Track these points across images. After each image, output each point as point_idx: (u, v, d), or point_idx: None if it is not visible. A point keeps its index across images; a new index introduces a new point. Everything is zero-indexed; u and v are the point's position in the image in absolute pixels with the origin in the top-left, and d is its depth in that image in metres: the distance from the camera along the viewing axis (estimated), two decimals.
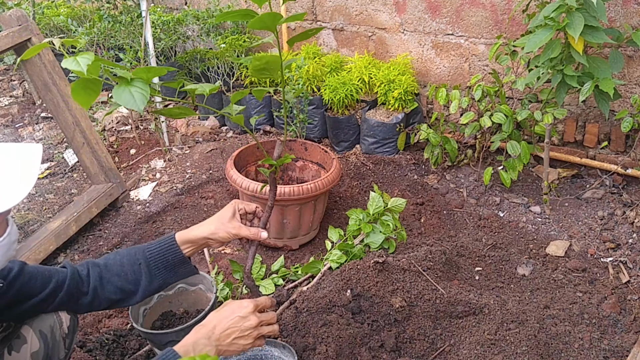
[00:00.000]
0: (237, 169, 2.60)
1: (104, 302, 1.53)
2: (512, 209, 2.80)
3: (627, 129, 2.44)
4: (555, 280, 2.26)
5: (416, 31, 3.25)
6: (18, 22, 2.52)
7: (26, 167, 1.14)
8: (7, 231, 1.19)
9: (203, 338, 1.35)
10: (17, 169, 1.13)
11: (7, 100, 4.42)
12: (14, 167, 1.13)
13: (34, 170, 1.14)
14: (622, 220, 2.62)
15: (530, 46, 2.29)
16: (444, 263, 2.19)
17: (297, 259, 2.57)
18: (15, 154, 1.16)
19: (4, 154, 1.15)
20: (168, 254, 1.54)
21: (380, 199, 2.36)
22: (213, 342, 1.36)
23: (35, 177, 1.14)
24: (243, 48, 3.64)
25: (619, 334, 1.95)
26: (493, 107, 2.79)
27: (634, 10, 2.58)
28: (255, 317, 1.41)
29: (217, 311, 1.42)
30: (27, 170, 1.14)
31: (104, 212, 2.88)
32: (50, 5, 4.37)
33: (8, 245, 1.20)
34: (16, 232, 1.23)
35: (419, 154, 3.23)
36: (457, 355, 1.81)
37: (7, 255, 1.21)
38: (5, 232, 1.18)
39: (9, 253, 1.21)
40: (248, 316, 1.40)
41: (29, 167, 1.14)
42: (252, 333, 1.40)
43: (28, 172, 1.14)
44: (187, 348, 1.32)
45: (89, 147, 2.83)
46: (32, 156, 1.16)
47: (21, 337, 1.41)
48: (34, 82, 2.72)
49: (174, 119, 1.34)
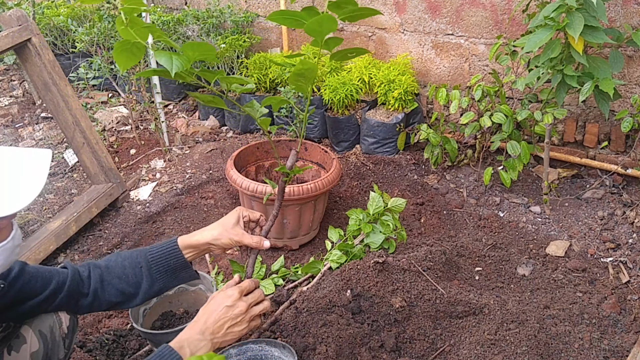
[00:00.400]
0: (237, 169, 2.60)
1: (104, 304, 1.53)
2: (512, 209, 2.80)
3: (627, 129, 2.44)
4: (555, 280, 2.26)
5: (416, 31, 3.25)
6: (18, 22, 2.52)
7: (34, 172, 1.14)
8: (12, 235, 1.18)
9: (196, 334, 1.37)
10: (25, 174, 1.12)
11: (7, 100, 4.42)
12: (22, 171, 1.13)
13: (42, 176, 1.13)
14: (622, 220, 2.62)
15: (530, 46, 2.29)
16: (444, 263, 2.19)
17: (297, 259, 2.57)
18: (23, 159, 1.15)
19: (13, 158, 1.14)
20: (170, 257, 1.54)
21: (380, 199, 2.36)
22: (207, 337, 1.37)
23: (43, 183, 1.13)
24: (243, 48, 3.64)
25: (619, 334, 1.95)
26: (493, 107, 2.79)
27: (634, 10, 2.58)
28: (243, 302, 1.42)
29: (205, 306, 1.43)
30: (35, 176, 1.13)
31: (104, 212, 2.88)
32: (50, 5, 4.36)
33: (11, 249, 1.19)
34: (20, 236, 1.22)
35: (419, 154, 3.23)
36: (457, 355, 1.81)
37: (9, 259, 1.21)
38: (9, 236, 1.18)
39: (11, 257, 1.21)
40: (235, 303, 1.41)
41: (37, 172, 1.14)
42: (244, 318, 1.42)
43: (36, 177, 1.13)
44: (181, 344, 1.33)
45: (89, 147, 2.83)
46: (41, 161, 1.15)
47: (21, 337, 1.41)
48: (34, 82, 2.72)
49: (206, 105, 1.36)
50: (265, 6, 3.82)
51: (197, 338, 1.36)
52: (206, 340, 1.37)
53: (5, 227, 1.16)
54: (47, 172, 1.14)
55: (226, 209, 2.93)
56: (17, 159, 1.14)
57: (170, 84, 4.08)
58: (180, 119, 3.91)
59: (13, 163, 1.13)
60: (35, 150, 1.17)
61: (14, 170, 1.12)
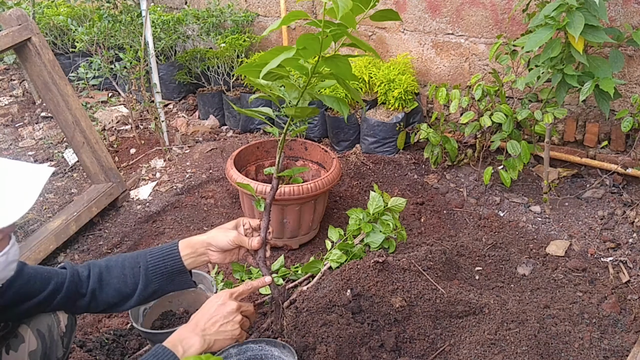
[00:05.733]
0: (237, 168, 2.60)
1: (101, 305, 1.53)
2: (512, 209, 2.79)
3: (627, 129, 2.43)
4: (555, 280, 2.26)
5: (416, 31, 3.25)
6: (18, 21, 2.52)
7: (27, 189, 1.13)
8: (5, 250, 1.17)
9: (188, 332, 1.39)
10: (17, 189, 1.12)
11: (7, 100, 4.41)
12: (19, 184, 1.12)
13: (34, 193, 1.12)
14: (622, 220, 2.62)
15: (530, 45, 2.28)
16: (444, 263, 2.19)
17: (297, 259, 2.57)
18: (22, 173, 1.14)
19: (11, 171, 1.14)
20: (168, 259, 1.54)
21: (380, 199, 2.35)
22: (199, 333, 1.39)
23: (33, 201, 1.11)
24: (243, 47, 3.63)
25: (619, 333, 1.95)
26: (493, 107, 2.79)
27: (634, 9, 2.58)
28: (234, 302, 1.46)
29: (197, 311, 1.46)
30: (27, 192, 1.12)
31: (104, 212, 2.88)
32: (50, 4, 4.36)
33: (4, 265, 1.18)
34: (16, 252, 1.20)
35: (419, 154, 3.23)
36: (457, 355, 1.81)
37: (2, 274, 1.19)
38: (2, 250, 1.16)
39: (4, 273, 1.19)
40: (226, 302, 1.45)
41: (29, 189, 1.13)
42: (235, 318, 1.44)
43: (27, 193, 1.12)
44: (174, 342, 1.35)
45: (89, 146, 2.83)
46: (39, 176, 1.15)
47: (19, 336, 1.41)
48: (34, 82, 2.72)
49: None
50: (265, 6, 3.82)
51: (188, 336, 1.38)
52: (198, 336, 1.38)
53: (2, 239, 1.15)
54: (39, 190, 1.13)
55: (226, 209, 2.93)
56: (14, 173, 1.14)
57: (170, 84, 4.08)
58: (180, 118, 3.91)
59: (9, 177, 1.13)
60: (34, 166, 1.17)
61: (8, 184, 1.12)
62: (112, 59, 3.51)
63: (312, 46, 1.26)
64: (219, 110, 3.83)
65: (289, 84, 1.45)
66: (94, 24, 3.37)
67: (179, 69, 4.03)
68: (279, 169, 1.60)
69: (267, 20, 3.85)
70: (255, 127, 3.68)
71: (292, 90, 1.45)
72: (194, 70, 3.90)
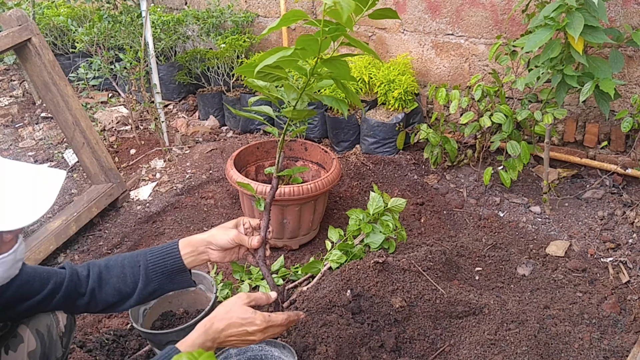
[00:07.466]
0: (237, 169, 2.60)
1: (100, 304, 1.52)
2: (512, 209, 2.80)
3: (627, 129, 2.44)
4: (555, 280, 2.26)
5: (416, 31, 3.25)
6: (18, 22, 2.52)
7: (44, 191, 1.14)
8: (14, 248, 1.19)
9: (208, 341, 1.36)
10: (36, 191, 1.13)
11: (7, 100, 4.42)
12: (34, 188, 1.14)
13: (52, 195, 1.14)
14: (622, 220, 2.62)
15: (530, 46, 2.28)
16: (444, 263, 2.19)
17: (297, 259, 2.57)
18: (36, 176, 1.16)
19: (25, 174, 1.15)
20: (168, 258, 1.54)
21: (380, 199, 2.35)
22: (214, 340, 1.38)
23: (52, 202, 1.13)
24: (243, 48, 3.64)
25: (619, 334, 1.95)
26: (493, 107, 2.79)
27: (634, 10, 2.58)
28: (261, 334, 1.41)
29: (228, 312, 1.39)
30: (45, 194, 1.14)
31: (104, 212, 2.88)
32: (50, 5, 4.36)
33: (12, 262, 1.20)
34: (22, 251, 1.23)
35: (419, 154, 3.23)
36: (457, 355, 1.81)
37: (8, 272, 1.21)
38: (12, 249, 1.18)
39: (10, 271, 1.22)
40: (255, 333, 1.40)
41: (47, 191, 1.14)
42: (251, 343, 1.43)
43: (45, 195, 1.14)
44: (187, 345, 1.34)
45: (89, 147, 2.83)
46: (53, 181, 1.16)
47: (18, 336, 1.41)
48: (34, 82, 2.72)
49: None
50: (265, 6, 3.82)
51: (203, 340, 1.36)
52: (211, 342, 1.37)
53: (10, 240, 1.17)
54: (57, 192, 1.15)
55: (226, 209, 2.93)
56: (29, 175, 1.15)
57: (170, 84, 4.08)
58: (180, 118, 3.91)
59: (24, 179, 1.14)
60: (48, 169, 1.18)
61: (24, 187, 1.13)
62: (112, 59, 3.51)
63: (311, 47, 1.26)
64: (219, 110, 3.83)
65: (288, 85, 1.45)
66: (94, 25, 3.37)
67: (179, 69, 4.03)
68: (278, 168, 1.60)
69: (267, 21, 3.85)
70: (255, 128, 3.68)
71: (290, 92, 1.44)
72: (194, 70, 3.91)
